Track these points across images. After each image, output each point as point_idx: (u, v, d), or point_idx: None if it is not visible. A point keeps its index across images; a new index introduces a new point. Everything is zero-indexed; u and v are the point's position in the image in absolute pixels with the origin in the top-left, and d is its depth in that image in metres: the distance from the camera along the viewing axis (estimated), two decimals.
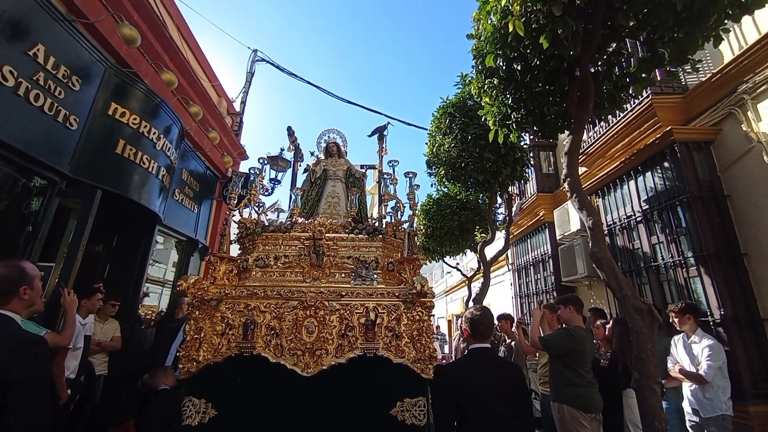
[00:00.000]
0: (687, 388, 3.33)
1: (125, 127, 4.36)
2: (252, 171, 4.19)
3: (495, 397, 1.93)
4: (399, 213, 3.78)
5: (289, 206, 4.78)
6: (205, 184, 7.02)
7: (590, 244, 2.88)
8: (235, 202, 3.66)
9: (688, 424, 3.31)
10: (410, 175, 3.76)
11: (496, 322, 4.52)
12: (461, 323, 7.02)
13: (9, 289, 1.83)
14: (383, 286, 3.14)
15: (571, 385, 2.98)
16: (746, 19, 4.03)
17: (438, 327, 15.77)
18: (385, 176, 4.09)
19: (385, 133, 5.16)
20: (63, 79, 3.65)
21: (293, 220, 3.92)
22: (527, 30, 2.74)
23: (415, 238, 3.50)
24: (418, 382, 2.72)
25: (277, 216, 4.30)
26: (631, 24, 2.68)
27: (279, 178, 8.14)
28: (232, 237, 3.61)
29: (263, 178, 4.03)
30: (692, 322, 3.40)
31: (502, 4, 2.87)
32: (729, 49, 4.31)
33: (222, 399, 2.63)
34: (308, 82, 9.67)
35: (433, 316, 4.59)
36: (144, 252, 5.12)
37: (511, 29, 2.76)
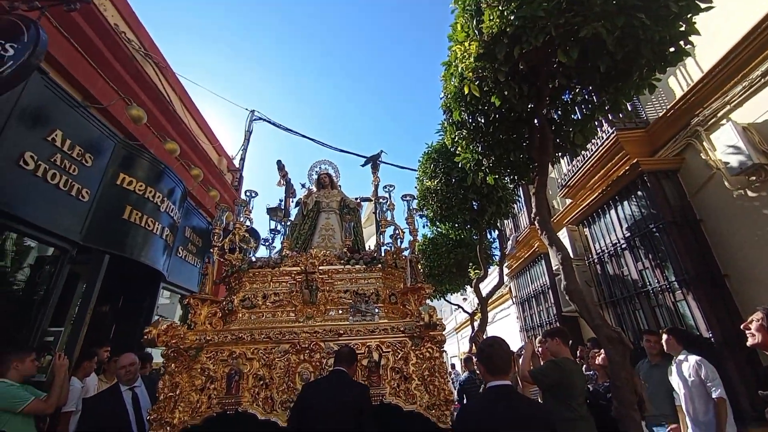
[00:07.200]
0: (689, 414, 3.28)
1: (132, 194, 4.73)
2: (238, 204, 3.97)
3: None
4: (398, 240, 3.55)
5: (281, 240, 4.52)
6: (207, 239, 7.29)
7: (561, 279, 3.06)
8: (221, 237, 3.41)
9: None
10: (407, 198, 3.55)
11: None
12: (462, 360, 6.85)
13: None
14: (386, 320, 2.83)
15: (560, 421, 3.00)
16: (691, 60, 4.46)
17: (453, 365, 15.07)
18: (381, 201, 3.86)
19: (378, 161, 5.03)
20: (77, 158, 4.04)
21: (283, 253, 3.64)
22: (481, 91, 3.11)
23: (419, 265, 3.26)
24: None
25: (268, 250, 4.06)
26: (573, 81, 3.06)
27: (279, 228, 8.41)
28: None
29: (250, 212, 3.83)
30: (673, 342, 3.44)
31: (459, 70, 3.28)
32: (679, 87, 4.70)
33: None
34: (303, 136, 10.32)
35: (445, 352, 4.11)
36: (148, 310, 5.32)
37: (467, 91, 3.14)
